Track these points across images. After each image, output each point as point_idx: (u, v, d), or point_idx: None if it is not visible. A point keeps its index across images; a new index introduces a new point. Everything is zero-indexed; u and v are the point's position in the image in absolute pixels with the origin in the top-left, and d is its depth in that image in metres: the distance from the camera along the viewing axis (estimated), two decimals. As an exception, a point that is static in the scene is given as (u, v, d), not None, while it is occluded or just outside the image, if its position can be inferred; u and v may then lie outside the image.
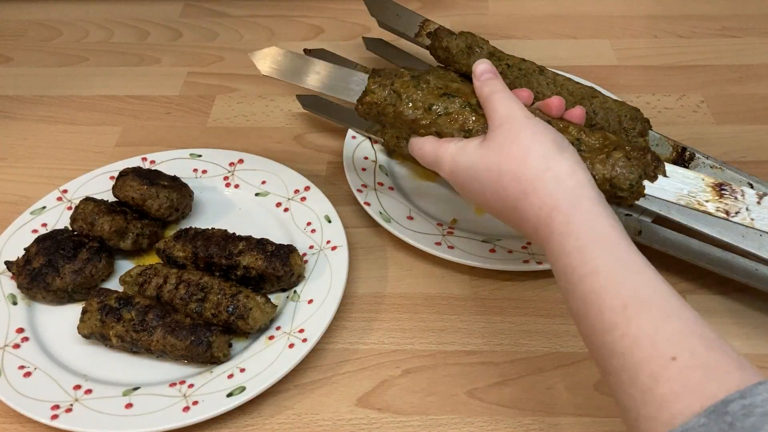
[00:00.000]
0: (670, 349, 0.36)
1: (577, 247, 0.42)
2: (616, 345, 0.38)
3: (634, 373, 0.37)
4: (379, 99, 0.54)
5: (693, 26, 0.95)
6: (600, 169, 0.49)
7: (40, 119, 0.82)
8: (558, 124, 0.51)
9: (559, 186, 0.44)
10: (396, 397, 0.56)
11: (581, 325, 0.42)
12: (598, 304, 0.40)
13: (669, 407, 0.35)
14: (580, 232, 0.42)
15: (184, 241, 0.62)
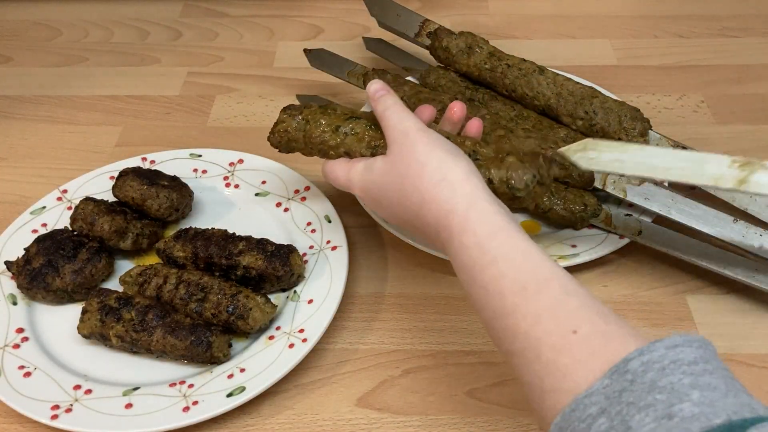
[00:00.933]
0: (571, 323, 0.38)
1: (476, 242, 0.44)
2: (518, 325, 0.40)
3: (537, 349, 0.38)
4: (290, 127, 0.58)
5: (693, 26, 0.95)
6: (496, 173, 0.52)
7: (40, 119, 0.82)
8: (456, 139, 0.54)
9: (454, 192, 0.47)
10: (396, 397, 0.56)
11: (484, 313, 0.43)
12: (498, 289, 0.42)
13: (572, 375, 0.36)
14: (477, 228, 0.45)
15: (184, 241, 0.62)
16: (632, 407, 0.33)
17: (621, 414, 0.33)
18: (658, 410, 0.32)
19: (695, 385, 0.33)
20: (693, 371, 0.34)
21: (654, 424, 0.32)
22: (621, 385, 0.34)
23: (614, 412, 0.33)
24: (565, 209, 0.64)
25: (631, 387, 0.34)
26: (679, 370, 0.34)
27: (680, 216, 0.63)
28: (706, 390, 0.33)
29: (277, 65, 0.90)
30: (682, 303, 0.61)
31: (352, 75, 0.78)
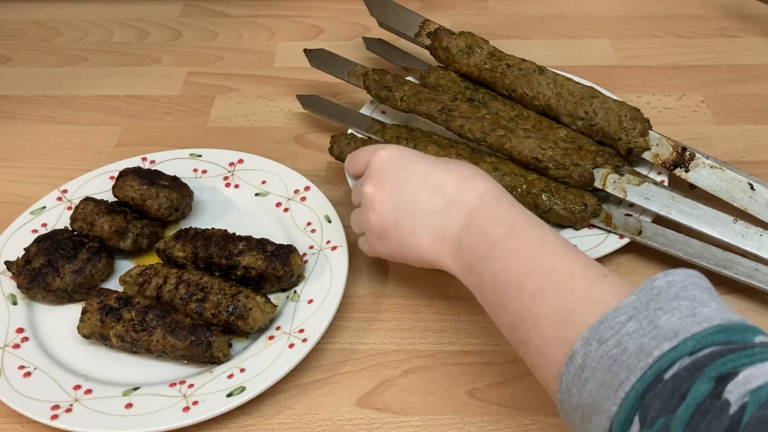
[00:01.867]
0: (601, 270, 0.43)
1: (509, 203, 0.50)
2: (554, 265, 0.44)
3: (572, 283, 0.43)
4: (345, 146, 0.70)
5: (693, 26, 0.95)
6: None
7: (40, 119, 0.82)
8: None
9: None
10: (396, 397, 0.56)
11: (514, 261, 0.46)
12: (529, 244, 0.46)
13: (605, 299, 0.40)
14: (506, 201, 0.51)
15: (184, 241, 0.62)
16: (659, 311, 0.37)
17: (648, 317, 0.37)
18: (682, 312, 0.37)
19: (713, 299, 0.39)
20: (710, 292, 0.40)
21: (679, 321, 0.37)
22: (648, 298, 0.38)
23: (642, 317, 0.38)
24: (565, 209, 0.64)
25: (657, 298, 0.38)
26: (698, 289, 0.39)
27: (680, 216, 0.63)
28: (723, 305, 0.39)
29: (277, 65, 0.90)
30: (682, 303, 0.61)
31: (352, 75, 0.78)
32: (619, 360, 0.37)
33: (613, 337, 0.38)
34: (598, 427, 0.37)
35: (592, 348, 0.38)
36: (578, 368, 0.38)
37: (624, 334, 0.37)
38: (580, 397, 0.38)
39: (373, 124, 0.74)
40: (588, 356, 0.38)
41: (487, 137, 0.68)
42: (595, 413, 0.37)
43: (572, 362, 0.39)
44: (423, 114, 0.72)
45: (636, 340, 0.37)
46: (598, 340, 0.38)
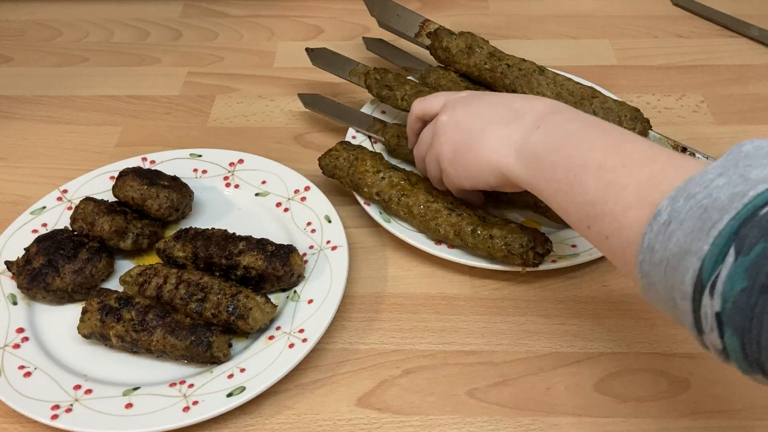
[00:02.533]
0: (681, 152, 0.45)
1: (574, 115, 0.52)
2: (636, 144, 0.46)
3: (654, 156, 0.43)
4: (341, 156, 0.68)
5: (693, 26, 0.95)
6: (498, 232, 0.60)
7: (40, 119, 0.82)
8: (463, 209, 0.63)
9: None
10: (396, 397, 0.56)
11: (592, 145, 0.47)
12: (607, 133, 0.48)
13: (690, 166, 0.41)
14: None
15: (184, 241, 0.62)
16: (749, 167, 0.37)
17: (738, 172, 0.37)
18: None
19: None
20: None
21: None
22: (736, 159, 0.38)
23: (732, 173, 0.37)
24: None
25: (745, 159, 0.38)
26: None
27: None
28: None
29: (277, 65, 0.90)
30: (682, 303, 0.61)
31: (354, 74, 0.78)
32: (710, 208, 0.36)
33: (702, 191, 0.37)
34: (686, 270, 0.37)
35: (680, 204, 0.38)
36: (663, 224, 0.38)
37: (714, 187, 0.37)
38: (665, 250, 0.38)
39: (375, 123, 0.74)
40: (675, 211, 0.38)
41: None
42: (683, 259, 0.37)
43: (656, 220, 0.39)
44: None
45: (727, 191, 0.36)
46: (686, 196, 0.38)
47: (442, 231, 0.62)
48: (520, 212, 0.68)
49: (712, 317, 0.35)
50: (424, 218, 0.63)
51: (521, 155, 0.53)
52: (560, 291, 0.63)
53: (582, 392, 0.55)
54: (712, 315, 0.35)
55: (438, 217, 0.62)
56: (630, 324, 0.60)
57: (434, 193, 0.65)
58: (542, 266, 0.61)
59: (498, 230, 0.61)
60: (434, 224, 0.63)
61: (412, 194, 0.64)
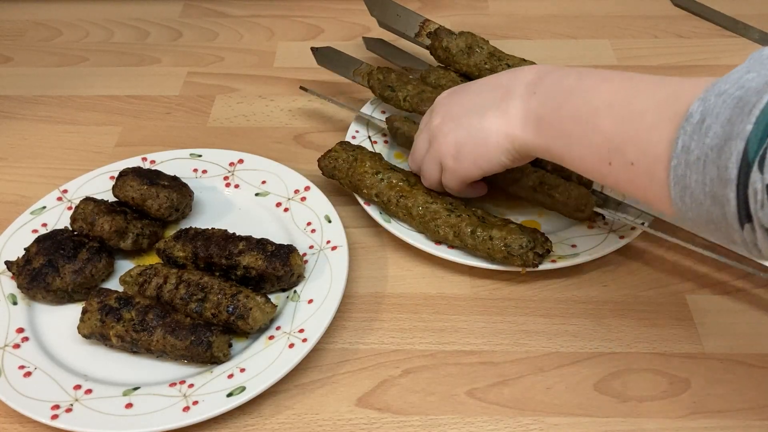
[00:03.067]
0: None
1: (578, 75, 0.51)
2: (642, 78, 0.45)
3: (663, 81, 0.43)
4: (340, 158, 0.68)
5: (693, 26, 0.95)
6: (497, 233, 0.60)
7: (40, 119, 0.82)
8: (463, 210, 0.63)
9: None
10: (396, 397, 0.56)
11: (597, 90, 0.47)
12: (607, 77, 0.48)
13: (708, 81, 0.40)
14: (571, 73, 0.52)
15: (184, 241, 0.62)
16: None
17: (766, 67, 0.37)
18: None
19: None
20: None
21: None
22: (762, 59, 0.39)
23: (759, 68, 0.38)
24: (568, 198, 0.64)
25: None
26: None
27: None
28: None
29: (277, 65, 0.90)
30: (682, 303, 0.61)
31: (357, 73, 0.78)
32: (744, 96, 0.36)
33: (733, 85, 0.37)
34: (729, 156, 0.36)
35: (711, 101, 0.38)
36: (698, 123, 0.38)
37: (745, 80, 0.37)
38: (702, 146, 0.38)
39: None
40: (707, 109, 0.38)
41: None
42: (724, 147, 0.37)
43: (689, 121, 0.38)
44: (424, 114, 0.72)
45: (759, 80, 0.36)
46: (717, 93, 0.38)
47: (441, 232, 0.62)
48: (520, 212, 0.68)
49: (762, 191, 0.35)
50: (423, 219, 0.63)
51: (527, 124, 0.53)
52: (560, 291, 0.63)
53: (582, 392, 0.55)
54: (762, 189, 0.35)
55: (437, 218, 0.62)
56: (630, 324, 0.60)
57: (433, 194, 0.65)
58: (542, 266, 0.61)
59: (497, 231, 0.60)
60: (433, 225, 0.63)
61: (411, 195, 0.64)
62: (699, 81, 0.41)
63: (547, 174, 0.66)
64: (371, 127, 0.76)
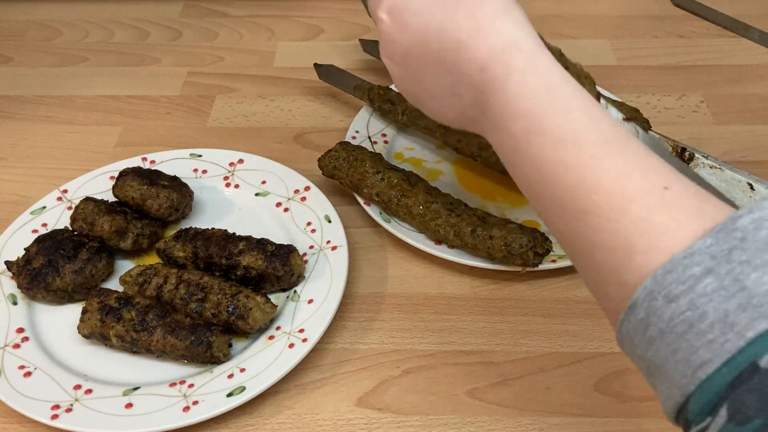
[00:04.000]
0: (661, 180, 0.34)
1: (546, 86, 0.38)
2: (598, 180, 0.35)
3: (624, 205, 0.34)
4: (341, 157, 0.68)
5: (693, 26, 0.95)
6: (498, 232, 0.60)
7: (41, 119, 0.82)
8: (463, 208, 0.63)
9: (521, 28, 0.41)
10: (396, 397, 0.56)
11: (549, 166, 0.37)
12: (575, 139, 0.36)
13: (669, 234, 0.32)
14: (547, 71, 0.39)
15: (184, 241, 0.62)
16: (746, 266, 0.29)
17: (732, 273, 0.30)
18: None
19: None
20: None
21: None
22: (729, 244, 0.30)
23: (724, 272, 0.30)
24: None
25: (742, 245, 0.30)
26: None
27: None
28: None
29: (277, 65, 0.90)
30: (682, 303, 0.61)
31: (358, 89, 0.78)
32: (696, 329, 0.30)
33: (685, 294, 0.30)
34: (667, 397, 0.32)
35: (658, 304, 0.31)
36: (641, 322, 0.32)
37: (701, 293, 0.30)
38: (645, 353, 0.33)
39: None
40: (653, 313, 0.31)
41: (483, 152, 0.69)
42: (665, 381, 0.32)
43: (633, 313, 0.33)
44: (422, 128, 0.73)
45: (718, 305, 0.30)
46: (666, 296, 0.31)
47: (441, 231, 0.62)
48: (520, 212, 0.68)
49: None
50: (423, 218, 0.63)
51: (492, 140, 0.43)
52: (560, 291, 0.63)
53: (582, 392, 0.55)
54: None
55: (437, 218, 0.62)
56: None
57: (434, 194, 0.65)
58: (542, 266, 0.61)
59: (497, 230, 0.60)
60: (434, 224, 0.63)
61: (411, 195, 0.64)
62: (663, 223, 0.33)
63: None
64: (371, 127, 0.76)
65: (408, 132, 0.76)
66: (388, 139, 0.75)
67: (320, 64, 0.82)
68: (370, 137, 0.75)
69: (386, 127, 0.76)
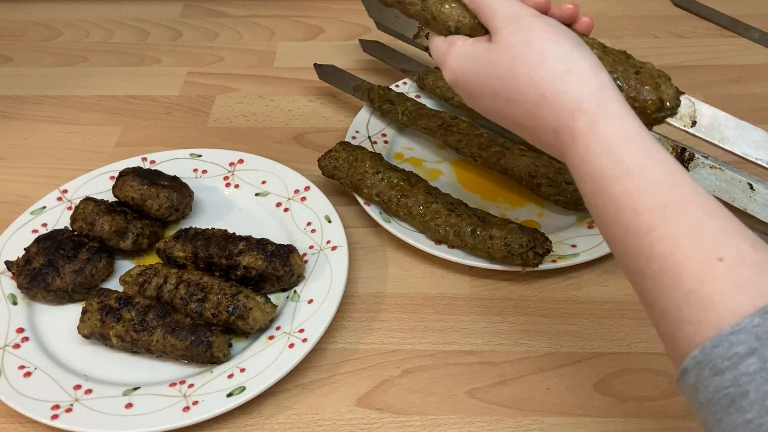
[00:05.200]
0: (716, 249, 0.35)
1: (606, 148, 0.40)
2: (654, 247, 0.36)
3: (676, 275, 0.35)
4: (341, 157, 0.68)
5: (693, 26, 0.95)
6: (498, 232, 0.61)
7: (40, 119, 0.82)
8: None
9: (582, 87, 0.42)
10: (396, 397, 0.56)
11: (612, 230, 0.39)
12: (632, 205, 0.38)
13: (716, 308, 0.33)
14: (608, 132, 0.40)
15: (184, 241, 0.62)
16: None
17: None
18: None
19: None
20: None
21: None
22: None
23: (767, 355, 0.31)
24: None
25: None
26: None
27: None
28: None
29: (277, 65, 0.90)
30: (682, 303, 0.61)
31: (358, 90, 0.78)
32: (737, 405, 0.31)
33: (729, 371, 0.32)
34: None
35: (705, 375, 0.33)
36: (692, 387, 0.34)
37: (743, 372, 0.31)
38: (698, 412, 0.34)
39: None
40: (701, 382, 0.33)
41: (483, 152, 0.69)
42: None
43: (685, 378, 0.34)
44: (422, 128, 0.73)
45: (759, 386, 0.31)
46: (712, 369, 0.32)
47: (441, 231, 0.62)
48: (520, 212, 0.68)
49: None
50: (423, 218, 0.63)
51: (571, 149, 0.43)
52: (560, 291, 0.63)
53: (582, 392, 0.55)
54: None
55: (437, 218, 0.62)
56: (630, 324, 0.60)
57: (434, 194, 0.65)
58: (542, 266, 0.61)
59: (498, 230, 0.60)
60: (434, 224, 0.63)
61: (411, 195, 0.64)
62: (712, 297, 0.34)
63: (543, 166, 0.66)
64: (371, 127, 0.76)
65: (408, 132, 0.77)
66: (388, 139, 0.75)
67: (320, 65, 0.82)
68: (370, 137, 0.75)
69: (386, 127, 0.76)
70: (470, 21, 0.49)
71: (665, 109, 0.48)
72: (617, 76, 0.49)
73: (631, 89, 0.49)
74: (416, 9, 0.51)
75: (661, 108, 0.48)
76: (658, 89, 0.49)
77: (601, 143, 0.40)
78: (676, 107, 0.49)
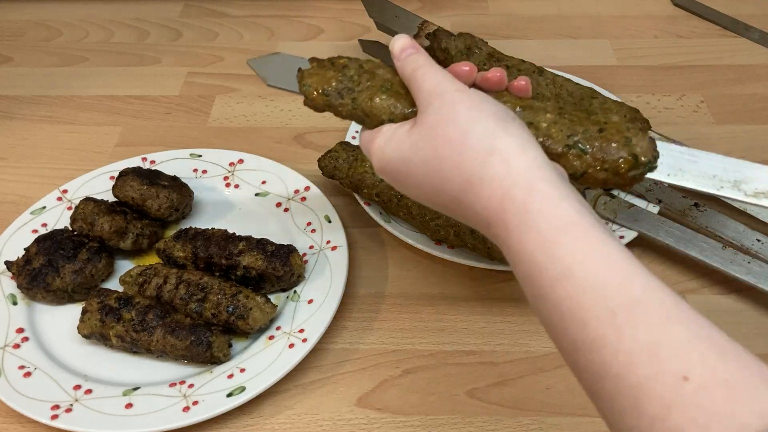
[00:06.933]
0: (679, 366, 0.29)
1: (541, 243, 0.34)
2: (607, 365, 0.31)
3: (636, 399, 0.30)
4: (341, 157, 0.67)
5: (693, 26, 0.95)
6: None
7: (40, 119, 0.82)
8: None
9: (509, 168, 0.37)
10: (396, 397, 0.56)
11: (560, 341, 0.34)
12: (578, 314, 0.32)
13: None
14: (541, 223, 0.35)
15: (184, 241, 0.62)
16: None
17: None
18: None
19: None
20: None
21: None
22: None
23: None
24: None
25: None
26: None
27: (668, 238, 0.62)
28: None
29: (277, 65, 0.90)
30: (682, 303, 0.61)
31: None
32: None
33: None
34: None
35: None
36: None
37: None
38: None
39: None
40: None
41: None
42: None
43: None
44: None
45: None
46: None
47: (442, 231, 0.62)
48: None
49: None
50: (423, 218, 0.63)
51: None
52: (560, 291, 0.62)
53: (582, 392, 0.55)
54: None
55: (437, 218, 0.63)
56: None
57: None
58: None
59: None
60: (434, 225, 0.63)
61: None
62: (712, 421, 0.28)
63: None
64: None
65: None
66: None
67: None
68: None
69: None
70: (402, 110, 0.45)
71: (641, 165, 0.42)
72: (578, 139, 0.43)
73: (597, 151, 0.42)
74: (348, 109, 0.48)
75: (636, 165, 0.42)
76: (629, 144, 0.42)
77: (535, 237, 0.35)
78: (654, 160, 0.42)
